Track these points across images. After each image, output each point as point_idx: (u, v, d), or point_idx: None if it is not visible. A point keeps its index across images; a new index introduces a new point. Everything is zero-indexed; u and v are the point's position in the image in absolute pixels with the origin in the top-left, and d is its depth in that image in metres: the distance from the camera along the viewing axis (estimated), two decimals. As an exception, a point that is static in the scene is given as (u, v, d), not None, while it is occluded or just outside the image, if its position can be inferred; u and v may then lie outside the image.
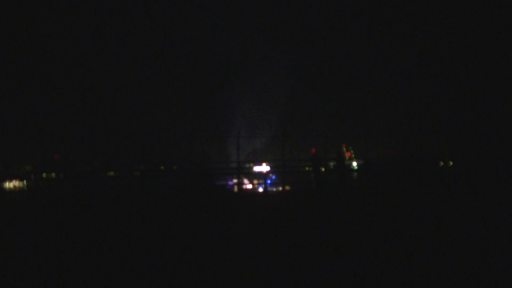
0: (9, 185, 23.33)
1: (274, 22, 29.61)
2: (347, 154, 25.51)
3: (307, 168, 24.34)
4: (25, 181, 23.23)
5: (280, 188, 23.58)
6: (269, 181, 24.41)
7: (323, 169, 22.86)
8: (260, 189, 24.26)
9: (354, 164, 25.60)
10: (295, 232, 10.27)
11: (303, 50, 30.03)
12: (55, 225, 12.06)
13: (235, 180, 23.93)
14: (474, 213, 12.36)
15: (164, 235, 10.28)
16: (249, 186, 24.82)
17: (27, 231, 11.29)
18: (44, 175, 22.99)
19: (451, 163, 24.07)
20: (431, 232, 9.86)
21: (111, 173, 23.54)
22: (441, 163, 24.05)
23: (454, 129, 25.45)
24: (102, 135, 23.00)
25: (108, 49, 28.45)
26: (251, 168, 25.17)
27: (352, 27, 30.31)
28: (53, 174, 23.10)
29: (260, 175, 24.69)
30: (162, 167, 24.14)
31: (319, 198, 18.60)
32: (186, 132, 22.31)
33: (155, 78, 28.44)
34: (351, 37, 30.17)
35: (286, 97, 27.91)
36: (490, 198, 15.55)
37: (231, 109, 27.42)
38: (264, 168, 24.62)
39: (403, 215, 12.66)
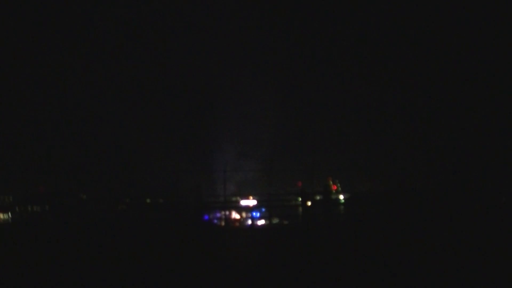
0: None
1: (262, 56, 30.47)
2: (334, 187, 26.10)
3: (293, 202, 25.06)
4: (9, 213, 23.65)
5: (268, 222, 24.40)
6: (258, 214, 25.15)
7: (309, 203, 23.53)
8: (249, 221, 25.03)
9: (341, 197, 26.15)
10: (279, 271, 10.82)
11: (290, 82, 30.97)
12: (42, 259, 12.64)
13: (222, 212, 24.68)
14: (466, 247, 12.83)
15: (148, 270, 10.87)
16: (237, 217, 25.51)
17: (14, 264, 12.03)
18: (28, 207, 23.50)
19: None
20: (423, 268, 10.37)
21: (95, 206, 24.10)
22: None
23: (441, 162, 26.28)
24: (88, 167, 23.78)
25: (92, 81, 29.12)
26: (238, 201, 25.86)
27: (340, 59, 31.43)
28: (37, 207, 23.61)
29: (247, 208, 25.43)
30: (148, 200, 24.74)
31: (306, 232, 19.32)
32: (172, 165, 23.30)
33: (141, 110, 29.10)
34: (339, 69, 31.30)
35: (273, 130, 28.67)
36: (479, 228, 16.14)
37: (218, 142, 28.24)
38: (250, 201, 25.40)
39: (392, 249, 13.26)
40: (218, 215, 24.65)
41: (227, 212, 24.92)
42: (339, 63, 31.20)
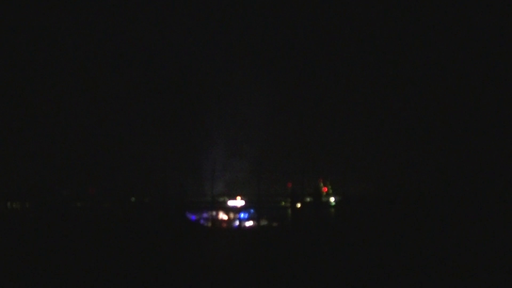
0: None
1: (254, 53, 30.24)
2: (324, 189, 25.90)
3: (283, 203, 24.95)
4: (-14, 210, 23.17)
5: (257, 223, 24.23)
6: (246, 215, 24.98)
7: (299, 205, 23.45)
8: (237, 223, 24.85)
9: (332, 199, 26.06)
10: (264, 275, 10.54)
11: (282, 81, 30.72)
12: (21, 258, 12.27)
13: (209, 213, 24.43)
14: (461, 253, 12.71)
15: (131, 270, 10.65)
16: (225, 217, 25.33)
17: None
18: (8, 204, 23.09)
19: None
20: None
21: (79, 204, 23.76)
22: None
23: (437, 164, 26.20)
24: (71, 163, 23.32)
25: (79, 75, 28.65)
26: (226, 202, 25.66)
27: (332, 58, 31.26)
28: (17, 204, 23.28)
29: (235, 209, 25.25)
30: (133, 199, 24.47)
31: (295, 235, 19.19)
32: (159, 162, 23.07)
33: (127, 105, 28.69)
34: (331, 68, 31.10)
35: (263, 130, 28.48)
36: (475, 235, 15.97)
37: (206, 141, 27.95)
38: (239, 202, 25.23)
39: (384, 255, 13.01)
40: (205, 215, 24.41)
41: (215, 213, 24.64)
42: (331, 62, 31.01)
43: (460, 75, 29.70)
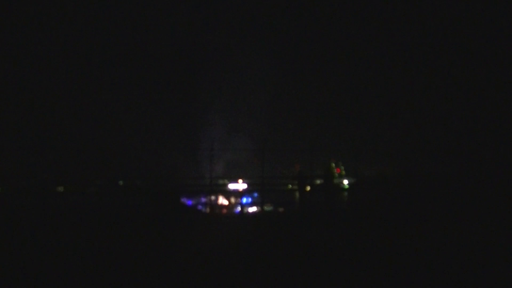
0: None
1: (257, 21, 29.29)
2: (337, 171, 24.41)
3: (289, 186, 24.31)
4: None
5: (261, 209, 23.47)
6: (249, 200, 24.40)
7: (308, 188, 22.74)
8: (239, 208, 24.16)
9: (345, 182, 24.83)
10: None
11: (288, 52, 30.12)
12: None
13: (208, 197, 23.94)
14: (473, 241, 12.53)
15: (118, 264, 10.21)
16: (225, 202, 24.95)
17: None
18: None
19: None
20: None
21: (61, 188, 22.92)
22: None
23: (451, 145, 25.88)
24: (51, 143, 22.25)
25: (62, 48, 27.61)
26: (226, 185, 24.98)
27: (343, 31, 30.56)
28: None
29: (236, 193, 24.57)
30: (121, 182, 23.69)
31: (303, 221, 18.68)
32: (151, 141, 22.32)
33: (116, 77, 27.70)
34: (342, 40, 30.50)
35: (268, 105, 28.08)
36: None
37: (204, 117, 26.91)
38: (240, 185, 24.37)
39: (400, 242, 12.64)
40: (203, 200, 23.81)
41: (214, 197, 23.96)
42: (343, 31, 30.28)
43: (475, 61, 29.93)
